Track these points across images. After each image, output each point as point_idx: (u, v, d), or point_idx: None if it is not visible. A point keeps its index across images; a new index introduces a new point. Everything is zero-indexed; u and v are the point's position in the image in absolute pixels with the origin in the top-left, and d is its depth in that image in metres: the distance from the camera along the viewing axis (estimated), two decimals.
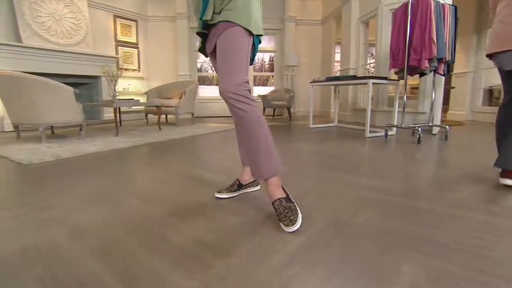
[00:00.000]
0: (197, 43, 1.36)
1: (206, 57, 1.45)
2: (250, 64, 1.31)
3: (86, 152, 2.51)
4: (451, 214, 1.22)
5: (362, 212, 1.23)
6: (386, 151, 2.61)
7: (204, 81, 7.76)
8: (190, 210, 1.25)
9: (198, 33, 1.28)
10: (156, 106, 4.05)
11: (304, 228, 1.07)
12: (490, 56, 1.62)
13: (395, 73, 3.48)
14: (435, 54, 2.91)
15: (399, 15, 3.20)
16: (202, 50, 1.38)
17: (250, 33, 1.19)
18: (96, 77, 5.45)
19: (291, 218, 1.06)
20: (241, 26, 1.15)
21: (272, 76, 8.06)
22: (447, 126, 3.37)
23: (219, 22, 1.17)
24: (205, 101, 6.85)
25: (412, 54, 3.04)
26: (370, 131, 3.60)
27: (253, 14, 1.19)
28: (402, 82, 3.55)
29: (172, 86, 5.15)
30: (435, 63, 3.02)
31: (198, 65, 7.22)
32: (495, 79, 6.08)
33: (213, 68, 1.37)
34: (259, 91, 7.92)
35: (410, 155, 2.45)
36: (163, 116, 5.54)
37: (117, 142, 3.03)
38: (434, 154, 2.50)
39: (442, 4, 3.01)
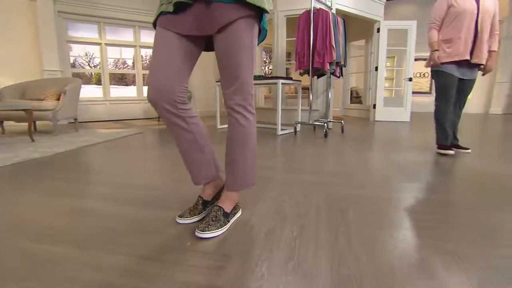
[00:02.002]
0: (156, 12, 0.98)
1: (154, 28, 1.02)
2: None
3: None
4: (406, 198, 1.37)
5: (349, 210, 1.22)
6: (308, 147, 2.78)
7: (80, 78, 6.42)
8: (165, 248, 0.92)
9: (177, 3, 0.91)
10: (25, 110, 3.01)
11: (321, 239, 0.96)
12: None
13: (301, 74, 3.79)
14: (335, 59, 3.32)
15: (303, 22, 3.49)
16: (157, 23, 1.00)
17: (259, 14, 0.97)
18: None
19: (209, 225, 0.99)
20: (253, 9, 0.91)
21: None
22: (342, 121, 3.92)
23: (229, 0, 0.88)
24: (84, 103, 5.65)
25: (316, 57, 3.37)
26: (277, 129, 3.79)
27: None
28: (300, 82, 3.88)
29: (42, 84, 3.97)
30: (334, 66, 3.45)
31: (71, 59, 5.89)
32: (353, 83, 7.61)
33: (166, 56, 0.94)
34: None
35: (333, 148, 2.70)
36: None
37: None
38: (348, 145, 2.84)
39: (336, 16, 3.46)
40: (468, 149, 2.39)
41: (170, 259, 0.84)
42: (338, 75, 3.68)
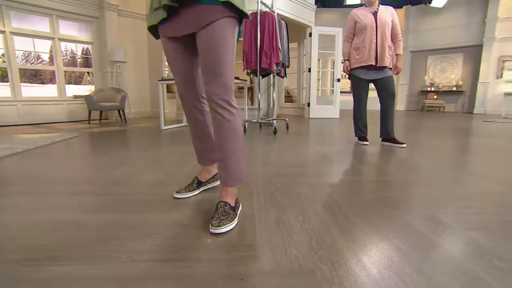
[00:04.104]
0: (150, 17, 1.10)
1: (157, 38, 1.18)
2: None
3: None
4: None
5: (332, 194, 1.37)
6: (263, 144, 2.92)
7: None
8: (183, 248, 0.91)
9: (164, 6, 1.00)
10: None
11: (324, 220, 1.07)
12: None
13: (248, 74, 3.90)
14: (281, 59, 3.53)
15: (249, 23, 3.60)
16: (154, 29, 1.13)
17: (239, 17, 1.08)
18: None
19: (222, 220, 1.00)
20: (233, 11, 1.01)
21: (89, 72, 6.73)
22: (286, 119, 4.19)
23: (213, 1, 0.98)
24: None
25: (264, 58, 3.53)
26: None
27: None
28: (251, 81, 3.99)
29: None
30: (280, 67, 3.67)
31: None
32: (284, 83, 8.14)
33: (166, 59, 1.29)
34: (73, 90, 6.37)
35: (285, 144, 2.89)
36: None
37: None
38: (297, 140, 3.08)
39: (280, 19, 3.67)
40: (403, 143, 2.70)
41: (197, 257, 0.84)
42: (282, 76, 3.92)
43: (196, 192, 1.36)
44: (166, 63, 6.76)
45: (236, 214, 1.09)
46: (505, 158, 2.21)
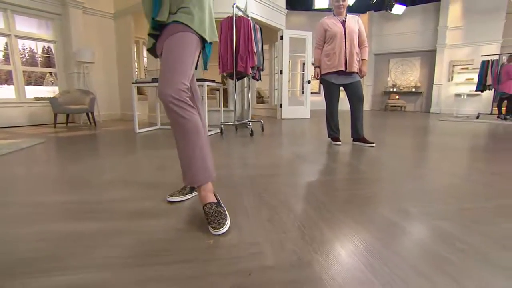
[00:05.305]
0: (148, 42, 1.31)
1: (156, 57, 1.37)
2: (205, 69, 1.38)
3: None
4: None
5: (315, 192, 1.49)
6: (242, 146, 3.00)
7: None
8: (186, 251, 0.96)
9: (150, 35, 1.22)
10: None
11: (312, 216, 1.18)
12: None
13: (223, 77, 3.94)
14: (256, 63, 3.63)
15: (225, 27, 3.65)
16: (152, 50, 1.31)
17: (201, 40, 1.22)
18: None
19: (219, 221, 1.06)
20: (194, 31, 1.16)
21: (52, 73, 6.35)
22: (262, 121, 4.30)
23: (173, 22, 1.15)
24: None
25: (239, 61, 3.60)
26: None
27: (206, 18, 1.22)
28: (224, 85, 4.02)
29: None
30: (255, 70, 3.76)
31: None
32: (257, 84, 8.28)
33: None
34: (33, 91, 5.97)
35: (264, 145, 3.00)
36: None
37: None
38: (274, 142, 3.19)
39: (255, 23, 3.77)
40: (373, 143, 2.92)
41: (203, 258, 0.90)
42: (258, 79, 4.02)
43: (189, 196, 1.40)
44: (136, 65, 6.58)
45: (224, 207, 1.17)
46: (459, 155, 2.50)
